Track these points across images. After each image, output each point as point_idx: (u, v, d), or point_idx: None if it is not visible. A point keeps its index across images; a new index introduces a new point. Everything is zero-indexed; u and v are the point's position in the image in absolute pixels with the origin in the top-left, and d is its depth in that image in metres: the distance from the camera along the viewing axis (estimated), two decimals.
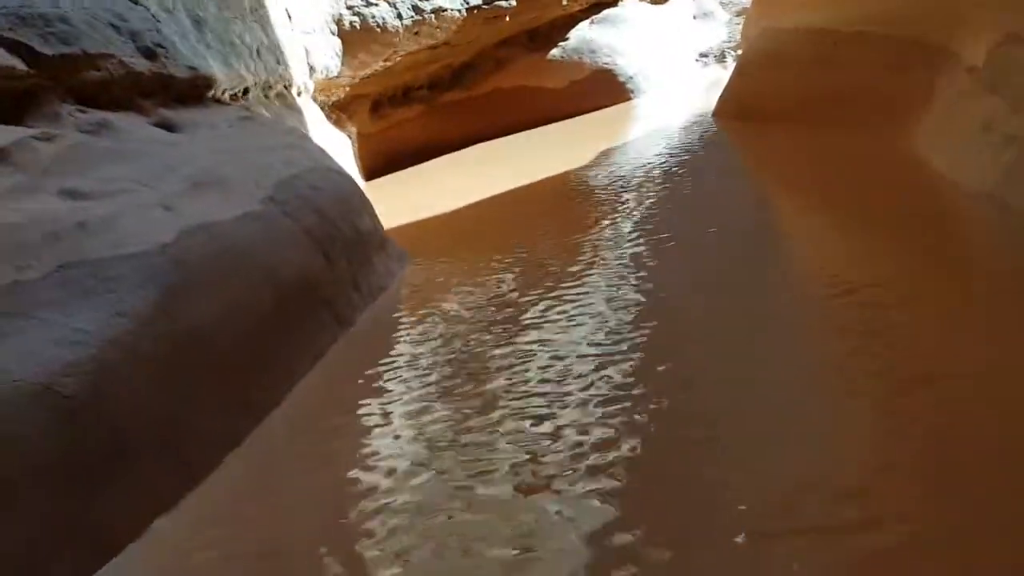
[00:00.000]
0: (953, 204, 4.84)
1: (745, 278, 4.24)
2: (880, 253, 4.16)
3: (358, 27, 9.54)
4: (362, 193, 5.43)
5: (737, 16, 22.15)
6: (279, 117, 6.62)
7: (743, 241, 5.01)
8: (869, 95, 7.06)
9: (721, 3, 24.11)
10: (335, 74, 9.20)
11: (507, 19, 11.92)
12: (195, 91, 5.24)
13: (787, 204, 6.51)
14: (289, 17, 7.85)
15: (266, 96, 6.76)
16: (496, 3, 11.53)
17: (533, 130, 12.58)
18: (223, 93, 5.80)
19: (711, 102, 12.09)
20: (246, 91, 6.27)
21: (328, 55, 8.86)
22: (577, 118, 12.80)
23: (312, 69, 8.28)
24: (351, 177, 5.45)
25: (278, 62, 7.00)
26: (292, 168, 4.81)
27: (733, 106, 9.32)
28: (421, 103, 12.28)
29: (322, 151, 5.54)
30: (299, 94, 7.93)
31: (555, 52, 13.20)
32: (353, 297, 4.55)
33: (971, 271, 3.72)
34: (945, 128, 5.58)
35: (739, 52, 17.00)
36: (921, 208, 4.83)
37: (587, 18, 13.89)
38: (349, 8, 9.52)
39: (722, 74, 15.26)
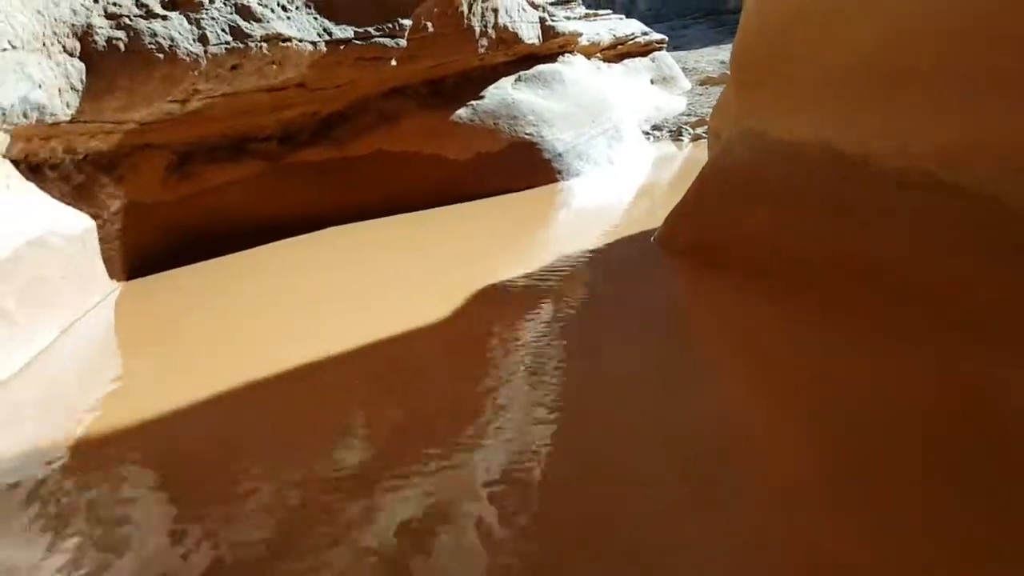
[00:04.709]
0: None
1: None
2: None
3: (123, 48, 6.02)
4: None
5: (701, 86, 19.39)
6: None
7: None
8: (937, 283, 3.91)
9: (684, 69, 21.37)
10: (64, 116, 5.64)
11: (393, 63, 8.54)
12: None
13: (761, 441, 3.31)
14: None
15: None
16: (375, 40, 8.15)
17: (420, 212, 9.20)
18: None
19: (656, 196, 8.96)
20: None
21: (43, 88, 5.31)
22: (481, 201, 9.47)
23: None
24: None
25: None
26: None
27: (687, 237, 6.06)
28: (262, 160, 8.75)
29: None
30: None
31: (462, 113, 9.85)
32: None
33: None
34: None
35: (696, 131, 14.06)
36: None
37: (512, 74, 10.63)
38: (110, 18, 5.99)
39: (673, 152, 12.26)
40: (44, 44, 5.45)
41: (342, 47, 7.89)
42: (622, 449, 3.44)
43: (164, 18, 6.31)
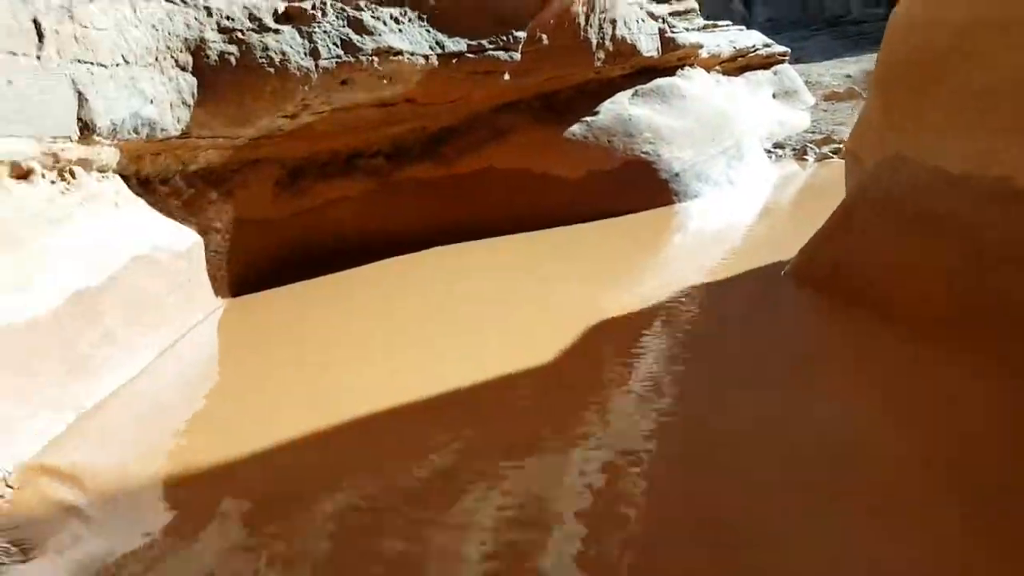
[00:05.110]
0: None
1: None
2: None
3: (235, 62, 5.93)
4: None
5: (826, 101, 18.35)
6: None
7: None
8: None
9: (807, 82, 20.35)
10: (175, 132, 5.58)
11: (506, 77, 8.25)
12: None
13: None
14: (40, 37, 4.26)
15: None
16: (488, 53, 7.87)
17: (529, 233, 8.84)
18: None
19: (783, 223, 8.36)
20: None
21: (155, 103, 5.24)
22: (593, 223, 9.02)
23: (88, 126, 4.65)
24: None
25: None
26: None
27: (827, 272, 5.44)
28: (370, 176, 8.60)
29: None
30: (24, 175, 4.31)
31: (576, 129, 9.45)
32: None
33: None
34: None
35: (822, 149, 13.21)
36: None
37: (629, 87, 10.17)
38: (223, 32, 5.90)
39: (798, 172, 11.51)
40: (157, 59, 5.38)
41: (454, 61, 7.64)
42: (733, 498, 3.10)
43: (276, 32, 6.19)
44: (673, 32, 10.59)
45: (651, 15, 10.53)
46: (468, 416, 4.22)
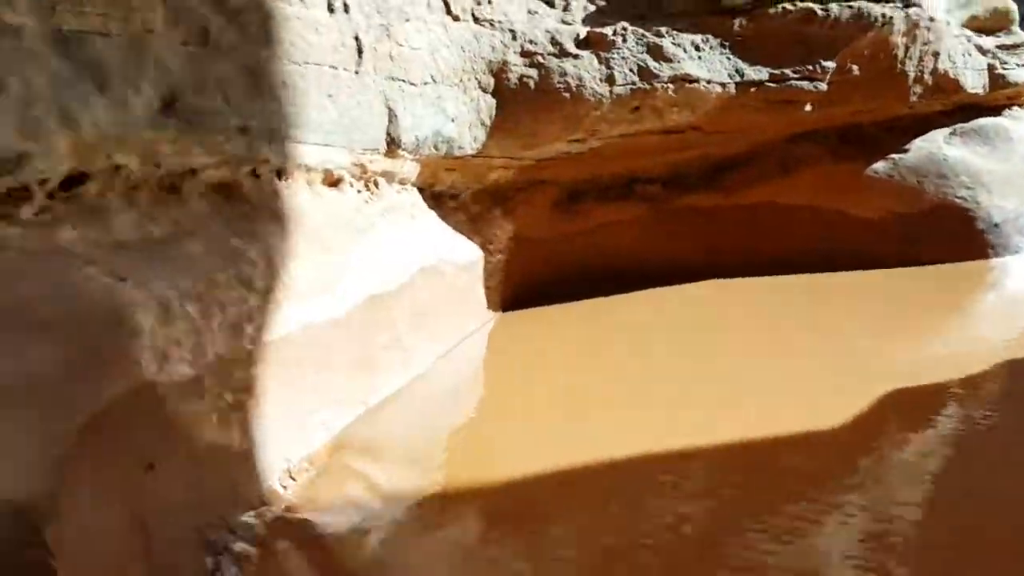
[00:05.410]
0: None
1: None
2: None
3: (533, 86, 6.06)
4: None
5: None
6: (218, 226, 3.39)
7: None
8: None
9: None
10: (471, 151, 5.81)
11: (806, 108, 7.71)
12: None
13: None
14: (359, 53, 4.59)
15: (174, 188, 3.56)
16: (790, 82, 7.39)
17: (811, 275, 8.18)
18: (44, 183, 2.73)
19: None
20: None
21: (455, 122, 5.49)
22: (889, 271, 8.14)
23: (394, 141, 4.95)
24: None
25: (244, 131, 3.74)
26: None
27: None
28: (645, 202, 8.45)
29: None
30: (335, 183, 4.64)
31: (879, 166, 8.63)
32: None
33: None
34: None
35: None
36: None
37: (946, 125, 9.10)
38: (525, 55, 6.05)
39: None
40: (461, 79, 5.62)
41: (752, 89, 7.25)
42: None
43: (575, 57, 6.23)
44: (1004, 68, 9.32)
45: (979, 48, 9.36)
46: (726, 467, 3.91)
